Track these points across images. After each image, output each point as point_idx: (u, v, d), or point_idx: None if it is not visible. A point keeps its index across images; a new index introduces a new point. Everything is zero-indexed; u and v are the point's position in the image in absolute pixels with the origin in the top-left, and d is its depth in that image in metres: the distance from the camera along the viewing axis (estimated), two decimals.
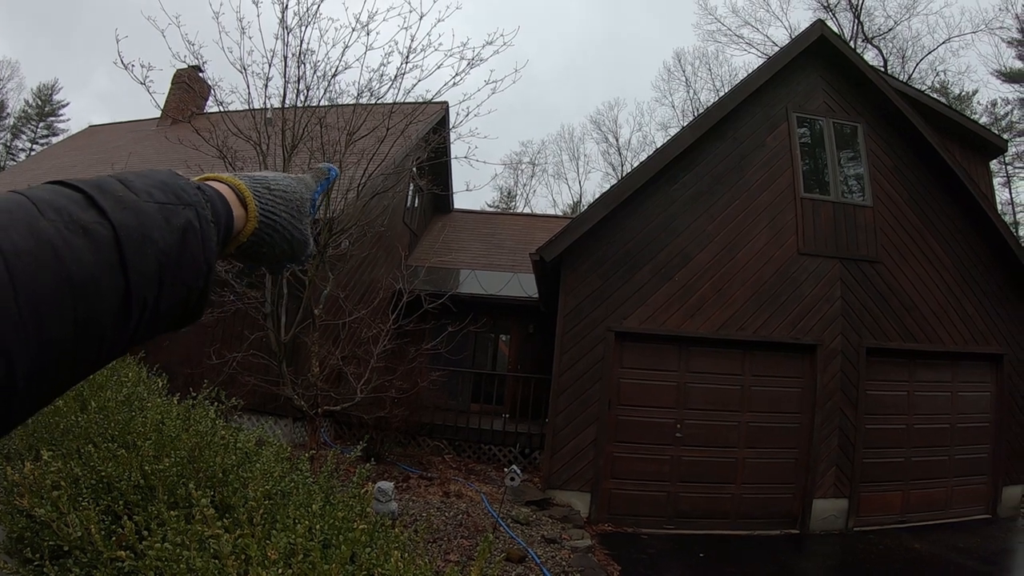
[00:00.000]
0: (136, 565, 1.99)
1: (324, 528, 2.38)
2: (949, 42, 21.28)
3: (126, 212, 0.45)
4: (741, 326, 7.32)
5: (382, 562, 2.26)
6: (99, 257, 0.42)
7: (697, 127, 7.57)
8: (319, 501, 2.68)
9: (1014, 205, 21.31)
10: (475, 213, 14.57)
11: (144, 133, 11.36)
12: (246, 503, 2.48)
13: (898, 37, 21.84)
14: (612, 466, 7.05)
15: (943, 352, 8.21)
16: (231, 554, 2.02)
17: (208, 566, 1.96)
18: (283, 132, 6.52)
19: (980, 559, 6.86)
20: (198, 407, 3.76)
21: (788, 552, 6.98)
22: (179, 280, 0.49)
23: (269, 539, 2.21)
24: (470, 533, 5.77)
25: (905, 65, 21.37)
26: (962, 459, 8.31)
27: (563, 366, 7.02)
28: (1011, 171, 21.08)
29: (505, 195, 37.48)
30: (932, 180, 8.47)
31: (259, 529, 2.30)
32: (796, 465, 7.43)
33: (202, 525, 2.13)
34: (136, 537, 2.14)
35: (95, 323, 0.42)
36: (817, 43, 8.24)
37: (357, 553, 2.34)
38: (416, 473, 7.24)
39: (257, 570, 1.96)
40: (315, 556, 2.07)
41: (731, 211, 7.57)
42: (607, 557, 6.09)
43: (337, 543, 2.29)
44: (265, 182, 0.66)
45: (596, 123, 47.04)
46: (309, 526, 2.31)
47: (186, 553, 2.02)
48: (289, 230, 0.67)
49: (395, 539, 2.66)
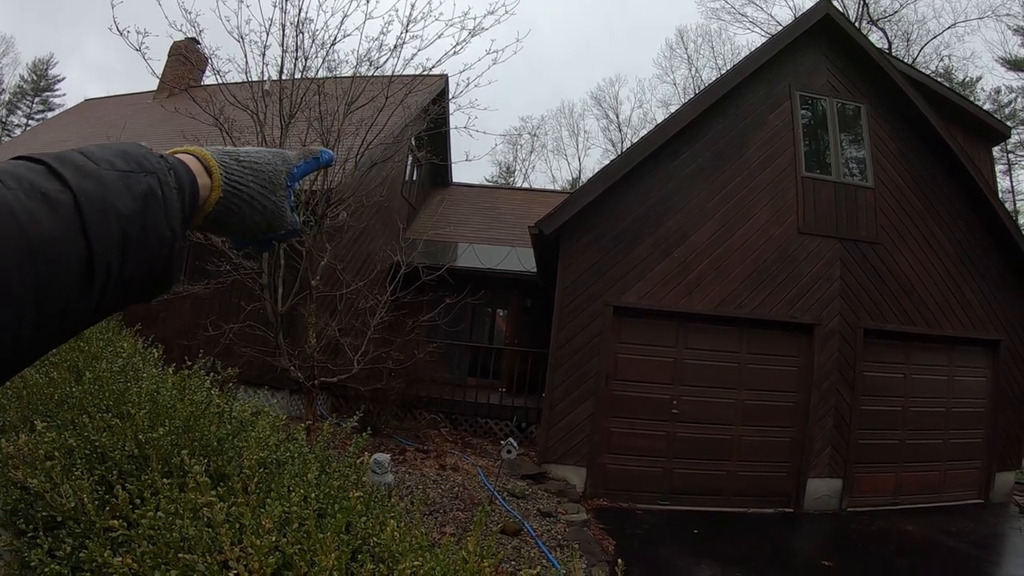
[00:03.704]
0: (129, 534, 2.00)
1: (320, 497, 2.39)
2: (954, 27, 21.24)
3: (87, 180, 0.47)
4: (739, 304, 7.30)
5: (377, 532, 2.26)
6: (59, 221, 0.44)
7: (699, 103, 7.51)
8: (315, 471, 2.65)
9: (1014, 193, 21.28)
10: (474, 187, 14.51)
11: (140, 106, 11.28)
12: (241, 472, 2.47)
13: (903, 20, 21.77)
14: (608, 441, 7.05)
15: (940, 336, 8.21)
16: (224, 522, 1.99)
17: (201, 535, 1.96)
18: (280, 101, 6.45)
19: (971, 543, 6.89)
20: (193, 377, 3.66)
21: (781, 530, 7.00)
22: (144, 245, 0.50)
23: (263, 508, 2.19)
24: (466, 506, 5.77)
25: (910, 49, 21.28)
26: (956, 443, 8.33)
27: (560, 340, 7.00)
28: (1013, 159, 21.03)
29: (504, 170, 37.49)
30: (934, 164, 8.43)
31: (254, 498, 2.27)
32: (791, 444, 7.43)
33: (195, 493, 2.13)
34: (129, 507, 2.12)
35: (57, 284, 0.43)
36: (822, 22, 8.16)
37: (353, 522, 2.33)
38: (412, 446, 7.24)
39: (251, 538, 1.93)
40: (310, 525, 2.06)
41: (731, 188, 7.53)
42: (602, 532, 6.10)
43: (332, 512, 2.28)
44: (235, 154, 0.68)
45: (597, 99, 46.73)
46: (304, 495, 2.31)
47: (179, 522, 2.01)
48: (260, 200, 0.68)
49: (391, 509, 2.65)
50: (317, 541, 1.97)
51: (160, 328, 6.76)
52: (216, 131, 6.65)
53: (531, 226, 7.02)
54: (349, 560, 2.02)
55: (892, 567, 6.10)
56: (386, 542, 2.12)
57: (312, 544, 1.97)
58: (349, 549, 2.05)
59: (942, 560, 6.30)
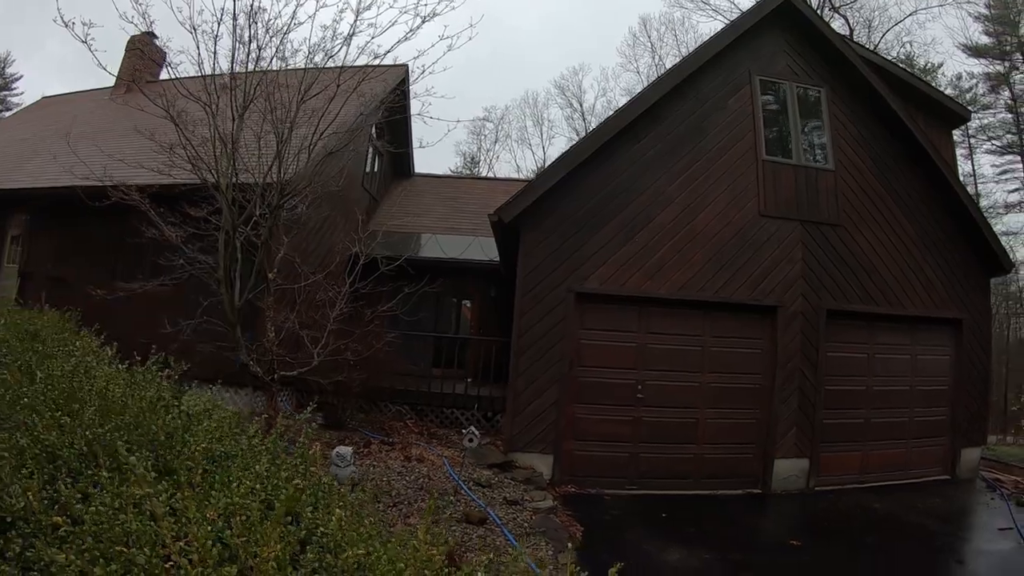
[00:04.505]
0: (74, 531, 1.94)
1: (268, 488, 2.36)
2: (916, 14, 21.61)
3: None
4: (702, 287, 7.33)
5: (326, 522, 2.24)
6: None
7: (658, 87, 7.51)
8: (264, 463, 2.63)
9: (976, 177, 21.69)
10: (437, 177, 14.47)
11: (99, 102, 11.07)
12: (187, 465, 2.44)
13: (865, 7, 22.04)
14: (574, 428, 7.04)
15: (903, 316, 8.30)
16: (165, 515, 1.95)
17: (144, 528, 1.91)
18: (231, 92, 6.34)
19: (938, 518, 6.94)
20: (144, 373, 3.65)
21: (748, 511, 7.04)
22: None
23: (208, 500, 2.17)
24: (431, 497, 5.71)
25: (871, 35, 21.56)
26: (921, 421, 8.43)
27: (523, 327, 6.98)
28: (974, 143, 21.46)
29: (469, 161, 37.22)
30: (895, 146, 8.50)
31: (200, 491, 2.24)
32: (757, 425, 7.48)
33: (136, 487, 2.06)
34: (75, 503, 2.07)
35: None
36: (782, 7, 8.17)
37: (301, 513, 2.31)
38: (378, 438, 7.17)
39: (193, 529, 1.91)
40: (254, 516, 2.03)
41: (692, 172, 7.55)
42: (570, 518, 6.08)
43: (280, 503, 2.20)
44: None
45: (561, 88, 46.35)
46: (251, 487, 2.29)
47: (122, 516, 1.96)
48: None
49: (341, 499, 2.63)
50: (260, 532, 1.96)
51: (118, 327, 6.61)
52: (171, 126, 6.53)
53: (491, 214, 6.98)
54: (298, 551, 2.03)
55: (859, 544, 6.13)
56: (333, 532, 2.12)
57: (256, 535, 1.96)
58: (295, 539, 2.05)
59: (909, 535, 6.34)
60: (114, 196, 6.58)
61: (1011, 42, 19.54)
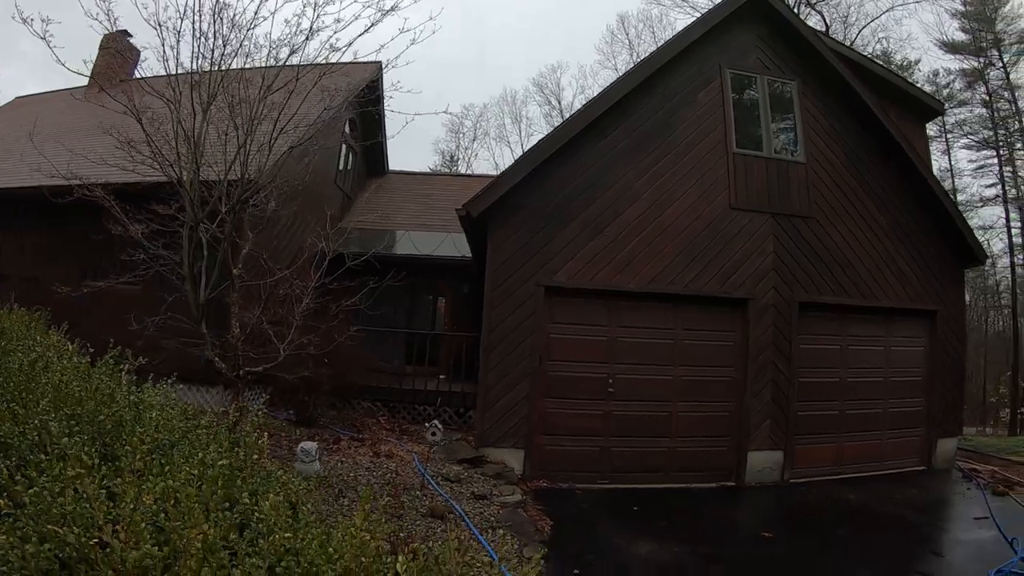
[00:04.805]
0: (15, 513, 2.03)
1: (212, 476, 2.47)
2: (892, 10, 21.73)
3: None
4: (672, 280, 7.31)
5: (261, 508, 2.30)
6: None
7: (627, 82, 7.49)
8: (212, 452, 2.74)
9: (953, 171, 21.88)
10: (411, 174, 14.41)
11: (69, 102, 10.93)
12: (132, 453, 2.56)
13: (841, 3, 22.20)
14: (545, 422, 7.00)
15: (877, 308, 8.33)
16: (97, 496, 2.05)
17: (80, 510, 1.99)
18: (192, 88, 6.27)
19: (913, 509, 6.95)
20: (100, 367, 3.79)
21: (721, 504, 7.01)
22: None
23: (145, 485, 2.25)
24: (397, 492, 5.66)
25: (848, 31, 21.67)
26: (896, 412, 8.46)
27: (493, 322, 6.94)
28: (951, 139, 21.64)
29: (448, 159, 37.43)
30: (868, 139, 8.54)
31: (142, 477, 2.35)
32: (730, 418, 7.48)
33: (71, 469, 2.16)
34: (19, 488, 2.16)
35: None
36: (753, 1, 8.19)
37: (239, 499, 2.41)
38: (348, 435, 7.14)
39: (127, 512, 1.99)
40: (189, 502, 2.10)
41: (662, 166, 7.54)
42: (539, 512, 6.03)
43: (217, 488, 2.37)
44: None
45: (539, 86, 46.24)
46: (191, 473, 2.41)
47: (60, 499, 2.03)
48: None
49: (283, 488, 2.73)
50: (194, 516, 2.01)
51: (88, 325, 6.54)
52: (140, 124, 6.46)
53: (458, 208, 6.93)
54: (237, 535, 2.11)
55: (832, 535, 6.11)
56: (266, 516, 2.18)
57: (189, 519, 2.00)
58: (228, 523, 2.13)
59: (884, 526, 6.34)
60: (78, 193, 6.54)
61: (987, 38, 19.73)
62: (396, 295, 10.55)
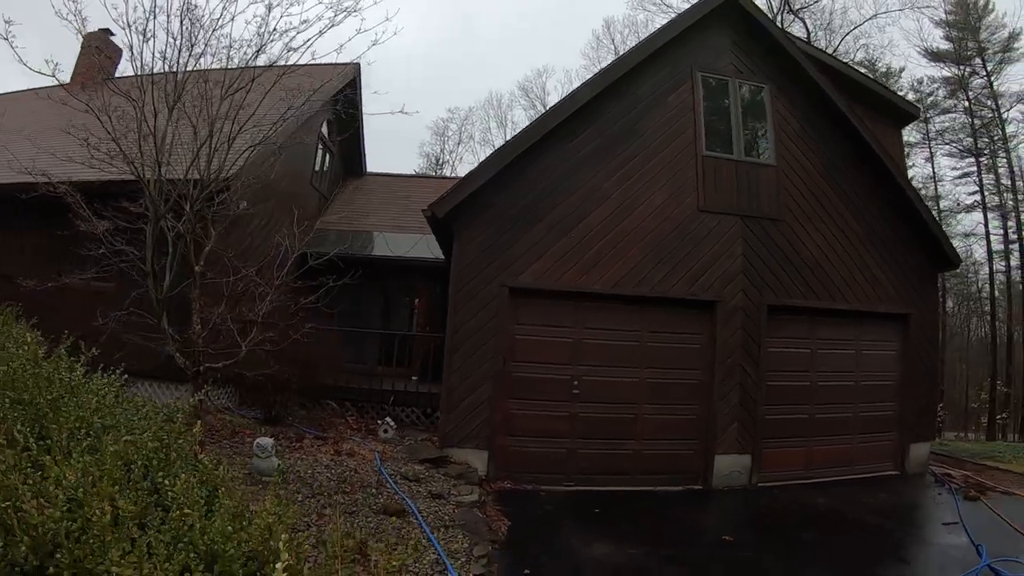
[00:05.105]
0: None
1: (135, 455, 2.66)
2: (876, 18, 21.88)
3: None
4: (639, 282, 7.30)
5: (172, 485, 2.46)
6: None
7: (595, 84, 7.48)
8: (148, 437, 2.93)
9: (936, 179, 22.01)
10: (389, 176, 14.38)
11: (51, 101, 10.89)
12: (58, 432, 2.75)
13: (824, 10, 22.40)
14: (509, 423, 6.97)
15: (848, 311, 8.32)
16: (18, 468, 2.20)
17: (5, 480, 2.12)
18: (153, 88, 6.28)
19: (882, 513, 6.88)
20: (53, 357, 3.85)
21: (686, 507, 6.96)
22: None
23: (69, 462, 2.40)
24: (353, 489, 5.65)
25: (831, 39, 21.83)
26: (868, 416, 8.44)
27: (457, 323, 6.91)
28: (935, 147, 21.79)
29: (433, 162, 37.60)
30: (841, 143, 8.54)
31: (70, 456, 2.50)
32: (697, 421, 7.46)
33: None
34: None
35: None
36: (726, 4, 8.21)
37: (153, 476, 2.60)
38: (312, 433, 7.12)
39: (49, 486, 2.16)
40: (109, 478, 2.28)
41: (631, 167, 7.53)
42: (498, 513, 6.01)
43: (137, 467, 2.52)
44: None
45: (524, 90, 46.55)
46: (116, 453, 2.55)
47: None
48: None
49: (207, 474, 2.91)
50: (108, 490, 2.21)
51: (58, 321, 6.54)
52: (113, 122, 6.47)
53: (424, 209, 6.92)
54: (156, 511, 2.32)
55: (797, 539, 6.09)
56: (177, 493, 2.37)
57: (105, 493, 2.19)
58: (145, 500, 2.34)
59: (851, 531, 6.29)
60: (42, 189, 6.57)
61: (971, 47, 19.88)
62: (372, 296, 10.55)
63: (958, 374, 21.98)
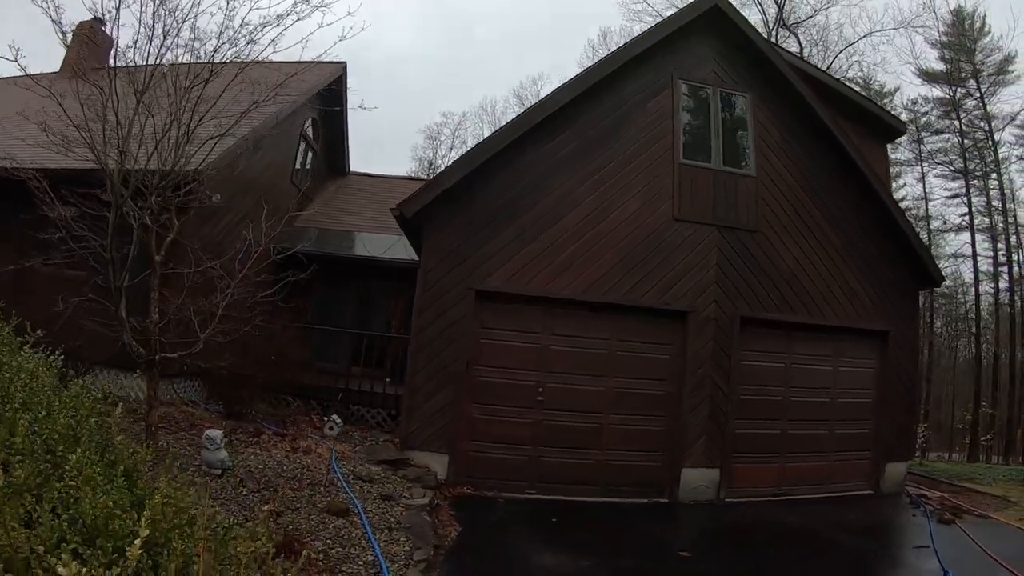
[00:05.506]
0: None
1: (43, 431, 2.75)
2: (871, 36, 21.94)
3: None
4: (609, 289, 7.20)
5: (68, 459, 2.52)
6: None
7: (573, 88, 7.39)
8: (64, 418, 2.98)
9: (927, 199, 21.99)
10: (373, 176, 14.31)
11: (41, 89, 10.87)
12: None
13: (818, 26, 22.48)
14: (472, 428, 6.85)
15: (825, 326, 8.21)
16: None
17: None
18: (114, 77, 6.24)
19: (852, 533, 6.73)
20: None
21: (649, 520, 6.81)
22: None
23: None
24: (301, 486, 5.56)
25: (826, 55, 21.86)
26: (843, 434, 8.31)
27: (422, 325, 6.81)
28: (926, 168, 21.75)
29: (426, 166, 37.51)
30: (824, 156, 8.46)
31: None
32: (665, 433, 7.33)
33: None
34: None
35: None
36: (711, 12, 8.15)
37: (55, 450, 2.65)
38: (271, 429, 7.02)
39: None
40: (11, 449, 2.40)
41: (606, 172, 7.45)
42: (451, 518, 5.89)
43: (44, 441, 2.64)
44: None
45: (519, 96, 46.80)
46: (25, 427, 2.59)
47: None
48: None
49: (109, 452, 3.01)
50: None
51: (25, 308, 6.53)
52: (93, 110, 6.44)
53: (392, 208, 6.84)
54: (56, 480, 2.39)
55: (760, 556, 5.94)
56: (71, 467, 2.44)
57: None
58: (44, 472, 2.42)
59: (819, 550, 6.17)
60: (3, 174, 6.54)
61: (966, 68, 19.89)
62: (349, 296, 10.46)
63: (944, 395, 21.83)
